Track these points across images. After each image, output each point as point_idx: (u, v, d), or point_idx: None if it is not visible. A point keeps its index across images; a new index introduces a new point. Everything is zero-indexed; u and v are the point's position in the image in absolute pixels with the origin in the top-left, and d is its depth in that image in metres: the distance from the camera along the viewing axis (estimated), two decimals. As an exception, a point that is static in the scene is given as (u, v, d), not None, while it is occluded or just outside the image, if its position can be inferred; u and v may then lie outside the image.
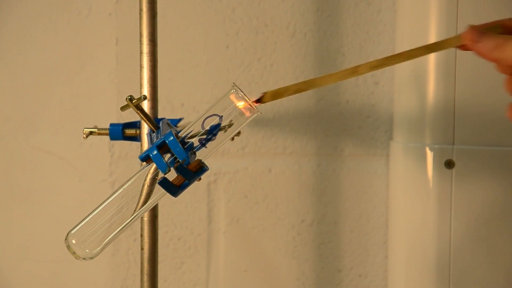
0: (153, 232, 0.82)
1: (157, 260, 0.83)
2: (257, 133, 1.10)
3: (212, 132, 0.62)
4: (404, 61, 0.62)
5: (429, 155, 1.02)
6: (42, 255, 1.11)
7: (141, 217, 0.81)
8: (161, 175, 0.62)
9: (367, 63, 0.62)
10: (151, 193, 0.64)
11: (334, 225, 1.13)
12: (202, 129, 0.62)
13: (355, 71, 0.62)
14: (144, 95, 0.68)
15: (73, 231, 0.63)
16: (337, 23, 1.09)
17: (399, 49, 1.06)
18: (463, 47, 0.62)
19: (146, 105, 0.80)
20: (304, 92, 1.12)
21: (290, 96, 1.08)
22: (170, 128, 0.64)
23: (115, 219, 0.64)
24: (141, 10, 0.80)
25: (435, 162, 1.01)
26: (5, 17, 1.08)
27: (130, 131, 0.86)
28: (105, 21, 1.07)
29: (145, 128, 0.82)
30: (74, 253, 0.63)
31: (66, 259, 1.07)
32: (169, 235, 1.11)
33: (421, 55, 0.62)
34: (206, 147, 0.62)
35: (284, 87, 0.63)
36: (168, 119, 0.75)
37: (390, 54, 0.62)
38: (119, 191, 0.64)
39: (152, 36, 0.80)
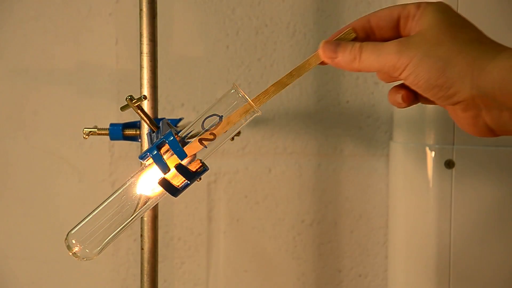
0: (153, 232, 0.82)
1: (157, 260, 0.83)
2: (257, 133, 1.10)
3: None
4: (271, 97, 0.61)
5: (429, 155, 1.01)
6: (42, 255, 1.11)
7: (141, 217, 0.81)
8: (161, 175, 0.62)
9: (235, 112, 0.60)
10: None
11: (334, 225, 1.13)
12: (202, 129, 0.62)
13: (228, 122, 0.61)
14: (144, 95, 0.68)
15: (73, 231, 0.63)
16: (337, 23, 1.09)
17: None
18: (324, 63, 0.60)
19: (146, 105, 0.80)
20: (304, 92, 1.12)
21: (290, 96, 1.09)
22: (170, 128, 0.64)
23: (115, 219, 0.64)
24: (141, 10, 0.80)
25: (435, 162, 1.01)
26: (5, 17, 1.08)
27: (130, 131, 0.86)
28: (105, 21, 1.07)
29: (145, 128, 0.82)
30: (74, 253, 0.63)
31: (66, 259, 1.07)
32: (169, 235, 1.11)
33: (287, 84, 0.61)
34: (206, 147, 0.62)
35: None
36: (168, 119, 0.75)
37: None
38: (119, 191, 0.64)
39: (152, 36, 0.80)
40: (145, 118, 0.68)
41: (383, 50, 0.56)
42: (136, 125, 0.86)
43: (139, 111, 0.67)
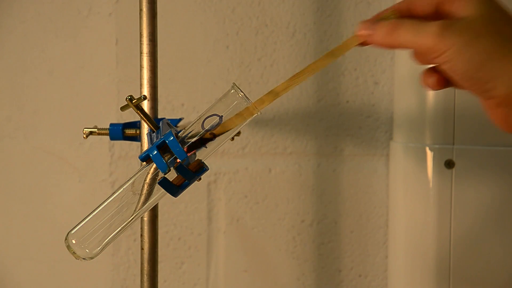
0: (153, 232, 0.82)
1: (157, 260, 0.83)
2: (257, 133, 1.10)
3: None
4: (311, 74, 0.61)
5: (429, 155, 1.01)
6: (42, 255, 1.11)
7: (141, 217, 0.81)
8: (161, 175, 0.62)
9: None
10: (151, 193, 0.64)
11: (334, 225, 1.13)
12: (202, 129, 0.62)
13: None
14: (144, 95, 0.68)
15: (73, 231, 0.63)
16: (337, 23, 1.09)
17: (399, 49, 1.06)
18: (363, 43, 0.59)
19: (146, 105, 0.81)
20: (304, 92, 1.12)
21: (290, 96, 1.09)
22: (170, 128, 0.64)
23: (115, 219, 0.64)
24: (141, 10, 0.80)
25: (435, 162, 1.01)
26: (5, 17, 1.08)
27: (130, 131, 0.86)
28: (105, 21, 1.07)
29: (145, 128, 0.82)
30: (74, 253, 0.63)
31: (66, 259, 1.07)
32: (169, 235, 1.11)
33: (326, 64, 0.60)
34: (206, 147, 0.62)
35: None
36: (168, 119, 0.75)
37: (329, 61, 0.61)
38: (119, 191, 0.64)
39: (152, 36, 0.80)
40: (145, 118, 0.68)
41: (422, 28, 0.54)
42: (136, 125, 0.86)
43: (139, 111, 0.67)
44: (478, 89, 0.54)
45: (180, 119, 0.96)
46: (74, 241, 0.63)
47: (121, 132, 0.86)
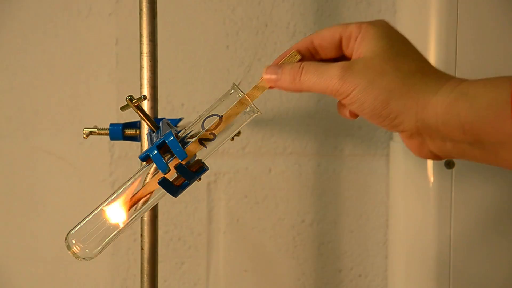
0: (153, 232, 0.82)
1: (157, 260, 0.83)
2: (257, 133, 1.10)
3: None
4: (227, 123, 0.61)
5: (429, 155, 1.01)
6: (42, 255, 1.11)
7: (141, 217, 0.81)
8: (161, 175, 0.62)
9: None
10: (151, 193, 0.64)
11: (334, 225, 1.13)
12: (202, 129, 0.62)
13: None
14: (144, 95, 0.68)
15: (73, 231, 0.63)
16: (337, 23, 1.09)
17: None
18: (272, 87, 0.60)
19: (146, 105, 0.81)
20: (304, 92, 1.12)
21: (290, 96, 1.09)
22: (170, 128, 0.64)
23: (115, 219, 0.64)
24: (141, 10, 0.80)
25: (435, 162, 1.01)
26: (5, 17, 1.08)
27: (130, 131, 0.86)
28: (105, 21, 1.07)
29: (145, 128, 0.82)
30: (74, 253, 0.63)
31: (66, 259, 1.07)
32: (169, 235, 1.11)
33: (238, 112, 0.60)
34: (206, 147, 0.62)
35: None
36: (168, 119, 0.75)
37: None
38: (119, 191, 0.64)
39: (152, 36, 0.80)
40: (145, 118, 0.68)
41: (325, 72, 0.55)
42: (136, 125, 0.86)
43: (139, 111, 0.67)
44: (388, 125, 0.55)
45: (180, 119, 0.96)
46: (74, 241, 0.63)
47: (121, 132, 0.86)
